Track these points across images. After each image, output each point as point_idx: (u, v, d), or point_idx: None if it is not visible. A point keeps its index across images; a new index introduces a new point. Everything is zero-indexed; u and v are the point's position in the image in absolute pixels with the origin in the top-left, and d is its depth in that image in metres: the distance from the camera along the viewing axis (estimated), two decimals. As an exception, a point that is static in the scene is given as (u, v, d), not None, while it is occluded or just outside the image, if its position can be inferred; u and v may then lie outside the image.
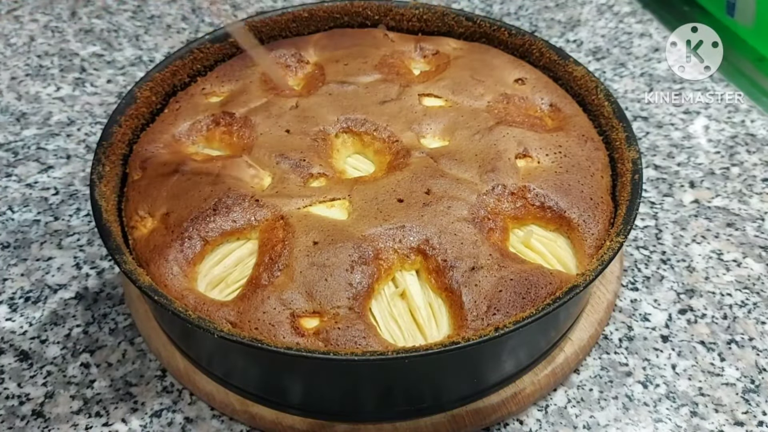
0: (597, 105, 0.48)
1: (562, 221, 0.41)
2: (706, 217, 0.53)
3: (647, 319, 0.46)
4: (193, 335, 0.39)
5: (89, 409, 0.42)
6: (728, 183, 0.56)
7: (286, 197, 0.41)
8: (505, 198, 0.42)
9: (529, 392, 0.41)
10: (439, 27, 0.56)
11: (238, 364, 0.40)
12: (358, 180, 0.43)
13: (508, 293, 0.37)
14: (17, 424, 0.41)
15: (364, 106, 0.47)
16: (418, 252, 0.39)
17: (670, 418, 0.41)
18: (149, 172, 0.44)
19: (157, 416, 0.41)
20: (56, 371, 0.44)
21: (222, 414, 0.41)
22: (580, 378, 0.43)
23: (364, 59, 0.51)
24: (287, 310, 0.36)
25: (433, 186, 0.42)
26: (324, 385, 0.38)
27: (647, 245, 0.51)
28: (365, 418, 0.39)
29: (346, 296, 0.37)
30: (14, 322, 0.47)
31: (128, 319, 0.47)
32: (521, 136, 0.45)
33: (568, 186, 0.42)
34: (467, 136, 0.45)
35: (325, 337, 0.36)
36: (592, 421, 0.41)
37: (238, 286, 0.39)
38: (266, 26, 0.55)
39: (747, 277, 0.49)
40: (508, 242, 0.41)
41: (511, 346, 0.38)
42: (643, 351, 0.45)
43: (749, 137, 0.60)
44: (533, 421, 0.41)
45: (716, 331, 0.46)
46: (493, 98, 0.48)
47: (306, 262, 0.38)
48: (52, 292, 0.49)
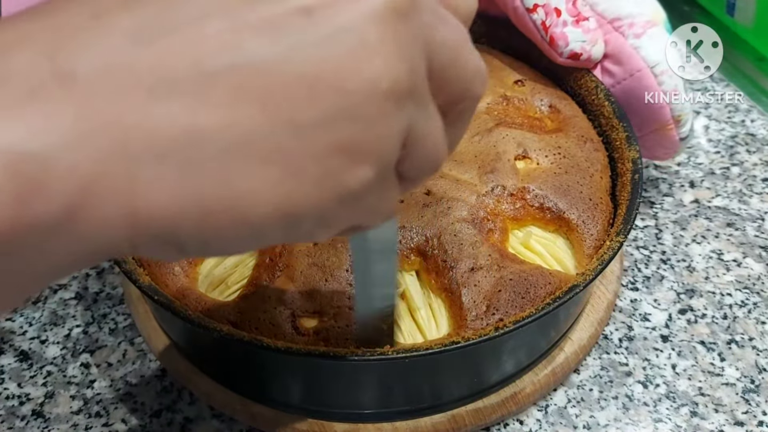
0: (597, 105, 0.48)
1: (562, 222, 0.41)
2: (706, 217, 0.53)
3: (647, 319, 0.46)
4: (193, 335, 0.40)
5: (89, 409, 0.42)
6: (728, 183, 0.56)
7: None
8: (505, 199, 0.42)
9: (529, 392, 0.41)
10: (439, 27, 0.56)
11: (238, 364, 0.40)
12: (358, 180, 0.43)
13: (507, 293, 0.37)
14: (17, 424, 0.41)
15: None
16: (417, 252, 0.39)
17: (670, 418, 0.41)
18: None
19: (157, 416, 0.41)
20: (56, 371, 0.44)
21: (222, 414, 0.41)
22: (580, 378, 0.43)
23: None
24: (287, 310, 0.37)
25: (433, 187, 0.42)
26: (324, 384, 0.38)
27: (647, 245, 0.51)
28: (365, 418, 0.39)
29: (347, 296, 0.37)
30: (14, 322, 0.47)
31: (128, 319, 0.47)
32: (521, 138, 0.45)
33: (567, 187, 0.42)
34: (467, 137, 0.45)
35: (326, 336, 0.36)
36: (592, 421, 0.41)
37: (239, 287, 0.39)
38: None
39: (747, 277, 0.49)
40: (507, 243, 0.41)
41: (511, 345, 0.38)
42: (643, 351, 0.45)
43: (749, 137, 0.61)
44: (533, 421, 0.41)
45: (716, 331, 0.46)
46: (492, 100, 0.48)
47: (306, 262, 0.38)
48: (52, 292, 0.49)
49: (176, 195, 0.18)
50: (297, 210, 0.19)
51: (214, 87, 0.17)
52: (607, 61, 0.48)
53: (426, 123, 0.21)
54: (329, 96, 0.18)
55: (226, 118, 0.17)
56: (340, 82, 0.18)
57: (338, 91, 0.18)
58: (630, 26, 0.47)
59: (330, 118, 0.18)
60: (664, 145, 0.50)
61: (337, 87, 0.18)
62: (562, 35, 0.46)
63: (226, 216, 0.18)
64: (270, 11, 0.18)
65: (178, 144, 0.17)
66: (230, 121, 0.17)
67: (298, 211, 0.19)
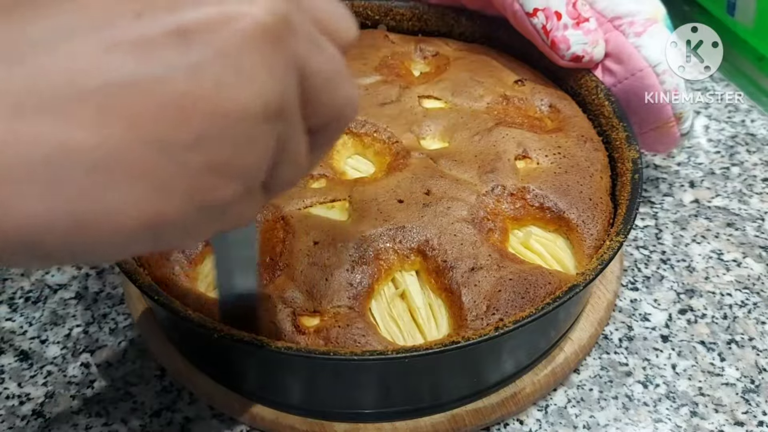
0: (597, 105, 0.48)
1: (561, 222, 0.41)
2: (706, 216, 0.53)
3: (647, 319, 0.46)
4: (193, 335, 0.40)
5: (89, 409, 0.42)
6: (728, 183, 0.56)
7: (287, 198, 0.41)
8: (505, 199, 0.42)
9: (529, 392, 0.41)
10: (439, 27, 0.56)
11: (238, 364, 0.40)
12: (358, 181, 0.43)
13: (507, 293, 0.37)
14: (17, 424, 0.41)
15: (365, 107, 0.47)
16: (417, 252, 0.39)
17: (670, 418, 0.41)
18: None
19: (157, 416, 0.41)
20: (56, 371, 0.44)
21: (222, 414, 0.41)
22: (580, 378, 0.43)
23: (364, 61, 0.51)
24: (288, 309, 0.37)
25: (433, 187, 0.42)
26: (324, 384, 0.38)
27: (647, 245, 0.51)
28: (365, 418, 0.39)
29: (347, 296, 0.37)
30: (14, 322, 0.47)
31: (128, 319, 0.47)
32: (521, 137, 0.45)
33: (567, 187, 0.42)
34: (467, 137, 0.45)
35: (326, 335, 0.36)
36: (592, 421, 0.41)
37: (239, 286, 0.39)
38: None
39: (747, 277, 0.49)
40: (507, 243, 0.41)
41: (510, 345, 0.38)
42: (643, 351, 0.45)
43: (749, 137, 0.61)
44: (533, 421, 0.41)
45: (716, 331, 0.46)
46: (492, 99, 0.48)
47: (306, 262, 0.38)
48: (52, 292, 0.49)
49: (42, 210, 0.18)
50: (164, 224, 0.19)
51: (85, 106, 0.17)
52: (608, 60, 0.48)
53: (293, 144, 0.22)
54: (200, 119, 0.18)
55: (95, 136, 0.18)
56: (212, 106, 0.18)
57: (210, 115, 0.18)
58: (630, 25, 0.47)
59: (201, 139, 0.19)
60: (664, 141, 0.50)
61: (208, 111, 0.18)
62: (564, 39, 0.46)
63: (93, 230, 0.19)
64: (145, 31, 0.18)
65: (46, 161, 0.17)
66: (99, 140, 0.18)
67: (165, 224, 0.19)
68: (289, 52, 0.20)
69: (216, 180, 0.19)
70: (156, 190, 0.19)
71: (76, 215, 0.18)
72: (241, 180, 0.20)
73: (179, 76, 0.18)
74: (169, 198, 0.19)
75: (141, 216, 0.19)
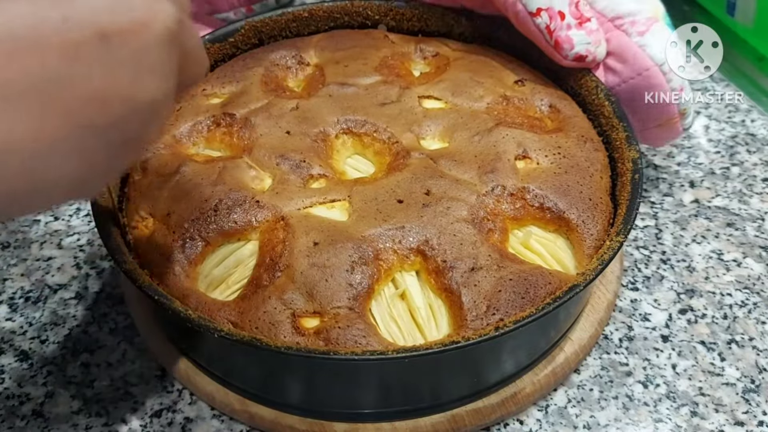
0: (597, 105, 0.48)
1: (562, 222, 0.41)
2: (706, 217, 0.53)
3: (647, 319, 0.46)
4: (193, 335, 0.40)
5: (89, 409, 0.42)
6: (728, 183, 0.56)
7: (287, 198, 0.41)
8: (505, 199, 0.42)
9: (529, 392, 0.41)
10: (439, 27, 0.56)
11: (238, 364, 0.40)
12: (358, 181, 0.43)
13: (507, 293, 0.37)
14: (17, 424, 0.41)
15: (365, 107, 0.47)
16: (417, 253, 0.39)
17: (670, 417, 0.41)
18: (150, 172, 0.44)
19: (157, 416, 0.41)
20: (56, 371, 0.44)
21: (222, 414, 0.41)
22: (580, 378, 0.43)
23: (364, 61, 0.51)
24: (288, 310, 0.37)
25: (433, 187, 0.42)
26: (324, 384, 0.38)
27: (647, 245, 0.51)
28: (364, 418, 0.39)
29: (347, 296, 0.37)
30: (14, 322, 0.47)
31: (128, 319, 0.47)
32: (521, 138, 0.45)
33: (567, 187, 0.42)
34: (467, 137, 0.45)
35: (326, 336, 0.36)
36: (593, 421, 0.41)
37: (239, 286, 0.39)
38: (266, 26, 0.55)
39: (747, 277, 0.49)
40: (507, 243, 0.41)
41: (511, 345, 0.38)
42: (643, 351, 0.45)
43: (749, 137, 0.61)
44: (533, 421, 0.41)
45: (716, 331, 0.46)
46: (492, 99, 0.48)
47: (306, 262, 0.38)
48: (52, 292, 0.49)
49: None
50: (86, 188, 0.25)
51: (24, 100, 0.21)
52: (610, 59, 0.48)
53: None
54: (119, 106, 0.23)
55: (35, 126, 0.21)
56: (127, 96, 0.24)
57: (126, 102, 0.24)
58: (632, 24, 0.47)
59: (119, 121, 0.24)
60: (667, 136, 0.51)
61: (125, 99, 0.23)
62: (567, 38, 0.46)
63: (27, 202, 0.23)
64: (73, 35, 0.22)
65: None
66: (38, 128, 0.22)
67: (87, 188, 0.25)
68: (179, 42, 0.26)
69: (131, 148, 0.25)
70: (84, 163, 0.23)
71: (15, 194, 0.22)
72: (146, 144, 0.27)
73: (102, 73, 0.22)
74: (93, 168, 0.24)
75: (69, 185, 0.24)
